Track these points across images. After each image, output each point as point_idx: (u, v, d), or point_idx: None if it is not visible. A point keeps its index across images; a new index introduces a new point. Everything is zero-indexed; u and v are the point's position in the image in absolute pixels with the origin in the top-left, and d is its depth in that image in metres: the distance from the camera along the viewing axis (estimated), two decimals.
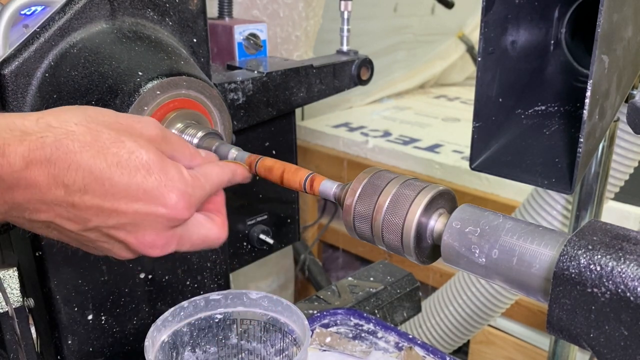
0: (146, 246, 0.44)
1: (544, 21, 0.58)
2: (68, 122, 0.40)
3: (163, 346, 0.58)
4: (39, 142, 0.38)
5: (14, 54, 0.56)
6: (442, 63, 2.58)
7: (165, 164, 0.42)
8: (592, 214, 0.83)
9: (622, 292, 0.31)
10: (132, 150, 0.41)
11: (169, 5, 0.64)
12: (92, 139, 0.40)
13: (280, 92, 0.84)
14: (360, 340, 0.74)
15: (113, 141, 0.41)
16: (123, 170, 0.40)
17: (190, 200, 0.43)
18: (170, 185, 0.42)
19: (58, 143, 0.39)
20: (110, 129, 0.41)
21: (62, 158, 0.39)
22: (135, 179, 0.41)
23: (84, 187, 0.40)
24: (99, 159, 0.40)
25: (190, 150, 0.48)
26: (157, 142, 0.44)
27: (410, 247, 0.43)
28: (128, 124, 0.43)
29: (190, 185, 0.44)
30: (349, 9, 0.95)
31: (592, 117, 0.46)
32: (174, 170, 0.43)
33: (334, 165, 1.94)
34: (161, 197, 0.42)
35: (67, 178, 0.39)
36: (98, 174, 0.40)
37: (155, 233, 0.43)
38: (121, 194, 0.41)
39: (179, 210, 0.43)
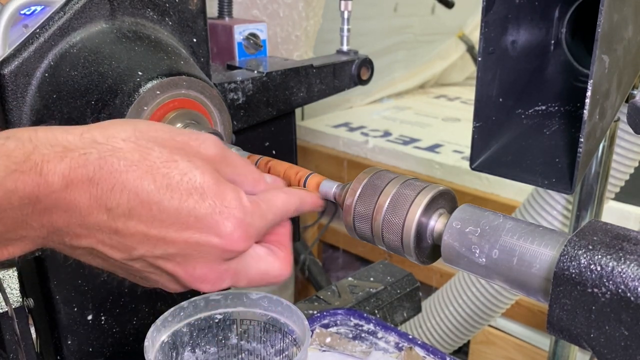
0: (196, 280, 0.40)
1: (544, 21, 0.58)
2: (115, 138, 0.36)
3: (163, 346, 0.58)
4: (81, 159, 0.35)
5: (14, 54, 0.56)
6: (442, 63, 2.58)
7: (222, 188, 0.38)
8: (592, 214, 0.83)
9: (623, 292, 0.31)
10: (186, 171, 0.37)
11: (169, 5, 0.64)
12: (140, 157, 0.36)
13: (280, 92, 0.84)
14: (360, 340, 0.74)
15: (164, 160, 0.37)
16: (173, 193, 0.36)
17: (249, 230, 0.39)
18: (226, 212, 0.37)
19: (102, 161, 0.35)
20: (163, 146, 0.37)
21: (106, 178, 0.35)
22: (186, 203, 0.36)
23: (129, 212, 0.36)
24: (147, 180, 0.36)
25: (254, 175, 0.43)
26: (216, 163, 0.39)
27: (410, 247, 0.43)
28: (184, 141, 0.39)
29: (249, 213, 0.39)
30: (349, 9, 0.95)
31: (593, 117, 0.46)
32: (231, 196, 0.38)
33: (334, 165, 1.94)
34: (215, 226, 0.37)
35: (110, 201, 0.35)
36: (145, 197, 0.36)
37: (207, 266, 0.39)
38: (170, 220, 0.36)
39: (235, 241, 0.38)
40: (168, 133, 0.39)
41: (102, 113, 0.55)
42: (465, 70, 2.73)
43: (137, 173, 0.36)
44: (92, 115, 0.55)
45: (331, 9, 1.66)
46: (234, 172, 0.41)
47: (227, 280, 0.41)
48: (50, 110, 0.57)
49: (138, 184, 0.35)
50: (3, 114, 0.57)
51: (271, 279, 0.43)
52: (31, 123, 0.58)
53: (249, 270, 0.42)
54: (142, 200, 0.36)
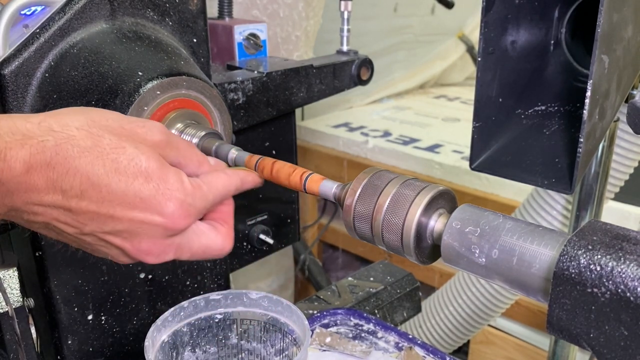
0: (142, 253, 0.44)
1: (544, 21, 0.58)
2: (69, 126, 0.40)
3: (163, 346, 0.58)
4: (39, 146, 0.38)
5: (14, 54, 0.56)
6: (442, 63, 2.58)
7: (165, 172, 0.42)
8: (592, 214, 0.83)
9: (622, 292, 0.31)
10: (132, 156, 0.40)
11: (169, 5, 0.64)
12: (92, 144, 0.40)
13: (280, 92, 0.84)
14: (360, 340, 0.74)
15: (113, 147, 0.40)
16: (121, 176, 0.40)
17: (189, 210, 0.43)
18: (168, 193, 0.41)
19: (58, 148, 0.38)
20: (112, 134, 0.41)
21: (61, 163, 0.39)
22: (132, 186, 0.40)
23: (81, 193, 0.39)
24: (97, 165, 0.39)
25: (198, 158, 0.47)
26: (161, 148, 0.43)
27: (410, 247, 0.43)
28: (131, 128, 0.42)
29: (190, 194, 0.43)
30: (349, 9, 0.95)
31: (592, 117, 0.46)
32: (174, 178, 0.42)
33: (334, 165, 1.94)
34: (158, 206, 0.41)
35: (65, 183, 0.39)
36: (95, 180, 0.39)
37: (151, 241, 0.43)
38: (117, 200, 0.40)
39: (176, 220, 0.42)
40: (118, 122, 0.42)
41: None
42: (465, 71, 2.73)
43: (88, 158, 0.39)
44: None
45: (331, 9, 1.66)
46: (179, 155, 0.45)
47: (170, 253, 0.45)
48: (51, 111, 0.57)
49: (89, 168, 0.39)
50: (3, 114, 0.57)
51: (213, 252, 0.47)
52: None
53: (192, 244, 0.46)
54: (92, 182, 0.39)
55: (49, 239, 0.62)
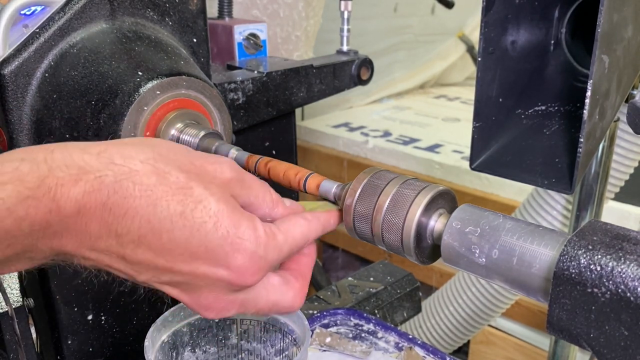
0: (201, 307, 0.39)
1: (544, 21, 0.58)
2: (133, 159, 0.35)
3: (163, 346, 0.58)
4: (96, 182, 0.34)
5: (14, 54, 0.56)
6: (442, 63, 2.58)
7: (236, 217, 0.37)
8: (592, 214, 0.83)
9: (622, 292, 0.31)
10: (201, 198, 0.36)
11: (169, 5, 0.64)
12: (157, 181, 0.35)
13: (280, 92, 0.84)
14: (360, 340, 0.74)
15: (180, 186, 0.36)
16: (186, 221, 0.35)
17: (260, 263, 0.38)
18: (237, 243, 0.36)
19: (117, 185, 0.34)
20: (180, 171, 0.36)
21: (120, 203, 0.34)
22: (198, 232, 0.35)
23: (138, 239, 0.35)
24: (160, 206, 0.35)
25: (272, 197, 0.42)
26: (232, 187, 0.39)
27: (410, 247, 0.43)
28: (201, 165, 0.38)
29: (262, 244, 0.38)
30: (349, 9, 0.95)
31: (592, 117, 0.46)
32: (246, 225, 0.37)
33: (334, 165, 1.94)
34: (225, 257, 0.36)
35: (121, 227, 0.35)
36: (156, 224, 0.35)
37: (213, 296, 0.38)
38: (179, 250, 0.36)
39: (244, 274, 0.37)
40: (186, 156, 0.38)
41: (102, 113, 0.55)
42: (465, 71, 2.73)
43: (151, 199, 0.35)
44: (92, 115, 0.55)
45: (331, 9, 1.66)
46: (251, 195, 0.40)
47: (233, 310, 0.40)
48: (51, 110, 0.57)
49: (151, 210, 0.35)
50: (3, 114, 0.57)
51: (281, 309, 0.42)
52: (31, 123, 0.58)
53: (259, 300, 0.41)
54: (153, 227, 0.35)
55: None
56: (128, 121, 0.54)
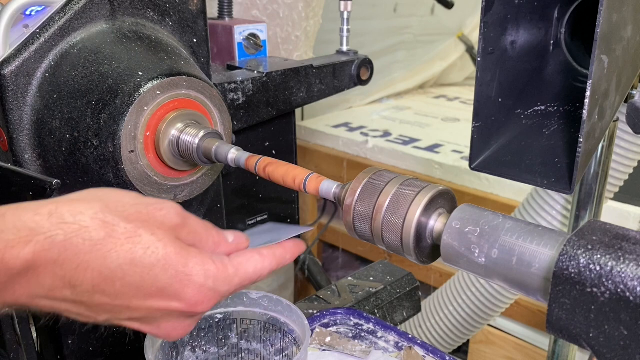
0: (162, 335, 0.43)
1: (543, 21, 0.58)
2: (83, 216, 0.37)
3: (163, 346, 0.58)
4: (47, 242, 0.35)
5: (14, 54, 0.56)
6: (442, 63, 2.58)
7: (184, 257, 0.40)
8: (591, 214, 0.83)
9: (622, 291, 0.31)
10: (148, 245, 0.38)
11: (169, 5, 0.64)
12: (105, 234, 0.37)
13: (280, 92, 0.84)
14: (360, 340, 0.74)
15: (129, 236, 0.38)
16: (136, 268, 0.38)
17: (209, 295, 0.41)
18: (186, 280, 0.39)
19: (68, 243, 0.36)
20: (128, 221, 0.39)
21: (71, 259, 0.36)
22: (148, 276, 0.38)
23: (92, 288, 0.37)
24: (111, 258, 0.37)
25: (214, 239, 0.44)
26: (177, 231, 0.41)
27: (410, 247, 0.43)
28: (149, 212, 0.40)
29: (211, 277, 0.41)
30: (349, 9, 0.95)
31: (592, 117, 0.46)
32: (193, 262, 0.40)
33: (334, 165, 1.94)
34: (175, 294, 0.39)
35: (74, 279, 0.37)
36: (108, 275, 0.37)
37: (170, 325, 0.42)
38: (133, 292, 0.38)
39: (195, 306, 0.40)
40: (134, 206, 0.40)
41: (103, 113, 0.55)
42: (465, 71, 2.73)
43: (101, 252, 0.37)
44: (93, 116, 0.55)
45: (331, 9, 1.66)
46: (195, 239, 0.43)
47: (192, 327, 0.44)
48: (51, 111, 0.57)
49: (101, 262, 0.37)
50: (3, 114, 0.57)
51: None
52: (32, 123, 0.58)
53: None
54: (105, 277, 0.37)
55: None
56: (128, 121, 0.54)
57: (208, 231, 0.44)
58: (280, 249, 0.46)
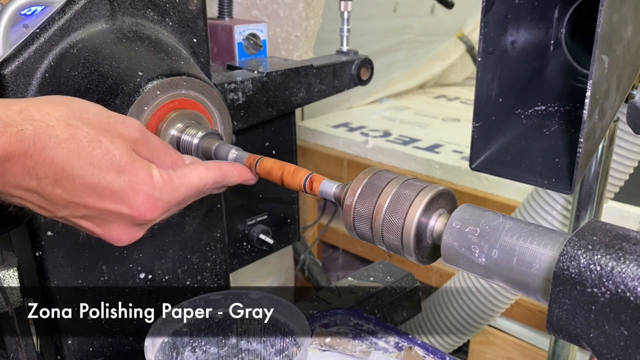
0: (112, 239, 0.46)
1: (544, 21, 0.58)
2: (50, 116, 0.41)
3: (163, 346, 0.58)
4: (19, 134, 0.39)
5: (14, 54, 0.56)
6: (442, 63, 2.58)
7: (136, 166, 0.43)
8: (592, 214, 0.83)
9: (622, 292, 0.31)
10: (107, 150, 0.42)
11: (169, 5, 0.64)
12: (69, 135, 0.41)
13: (280, 92, 0.84)
14: (360, 340, 0.74)
15: (90, 140, 0.42)
16: (94, 170, 0.42)
17: (156, 203, 0.45)
18: (137, 187, 0.43)
19: (36, 137, 0.40)
20: (90, 127, 0.42)
21: (38, 152, 0.40)
22: (104, 179, 0.42)
23: (55, 182, 0.41)
24: (73, 157, 0.41)
25: (172, 157, 0.48)
26: (136, 145, 0.45)
27: (410, 247, 0.43)
28: (110, 123, 0.44)
29: (158, 187, 0.45)
30: (349, 9, 0.95)
31: (592, 117, 0.46)
32: (144, 173, 0.44)
33: (334, 165, 1.94)
34: (126, 199, 0.43)
35: (40, 171, 0.40)
36: (69, 171, 0.41)
37: (120, 229, 0.46)
38: (89, 191, 0.42)
39: (143, 212, 0.44)
40: (97, 115, 0.43)
41: None
42: (465, 71, 2.72)
43: (64, 150, 0.41)
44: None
45: (331, 9, 1.66)
46: (153, 154, 0.46)
47: (138, 236, 0.47)
48: None
49: (64, 160, 0.41)
50: None
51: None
52: None
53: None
54: (67, 173, 0.41)
55: (49, 240, 0.62)
56: None
57: (167, 150, 0.48)
58: (228, 165, 0.51)
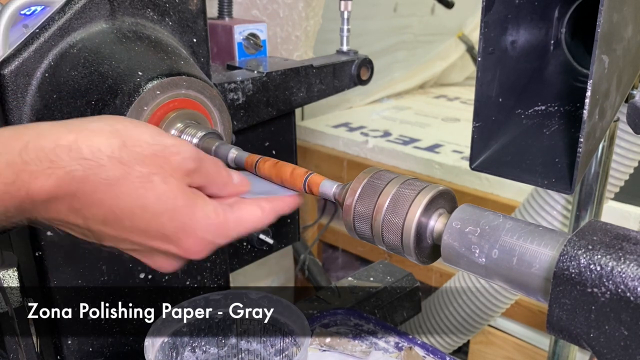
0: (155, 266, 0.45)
1: (544, 21, 0.58)
2: (101, 153, 0.39)
3: (163, 346, 0.58)
4: (67, 177, 0.38)
5: (14, 54, 0.56)
6: (442, 63, 2.58)
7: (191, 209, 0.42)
8: (592, 214, 0.83)
9: (622, 292, 0.31)
10: (160, 193, 0.40)
11: (169, 5, 0.64)
12: (121, 175, 0.39)
13: (280, 92, 0.84)
14: (360, 340, 0.74)
15: (143, 181, 0.40)
16: (145, 214, 0.40)
17: (207, 246, 0.44)
18: (189, 231, 0.42)
19: (86, 179, 0.38)
20: (144, 165, 0.40)
21: (87, 195, 0.39)
22: (156, 222, 0.41)
23: (103, 222, 0.40)
24: (123, 200, 0.39)
25: (224, 179, 0.46)
26: (191, 177, 0.43)
27: (410, 247, 0.43)
28: (165, 156, 0.41)
29: (212, 231, 0.43)
30: (349, 9, 0.95)
31: (592, 117, 0.46)
32: (199, 215, 0.42)
33: (334, 165, 1.94)
34: (177, 241, 0.42)
35: (88, 212, 0.40)
36: (119, 214, 0.40)
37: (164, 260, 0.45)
38: (138, 233, 0.41)
39: (192, 253, 0.43)
40: (152, 146, 0.41)
41: (103, 113, 0.55)
42: (465, 71, 2.72)
43: (115, 192, 0.39)
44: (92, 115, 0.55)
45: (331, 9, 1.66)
46: (207, 181, 0.44)
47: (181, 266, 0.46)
48: (51, 110, 0.57)
49: (114, 202, 0.39)
50: (3, 114, 0.57)
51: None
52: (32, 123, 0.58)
53: None
54: (116, 216, 0.40)
55: (49, 240, 0.62)
56: None
57: (219, 172, 0.46)
58: (281, 203, 0.48)
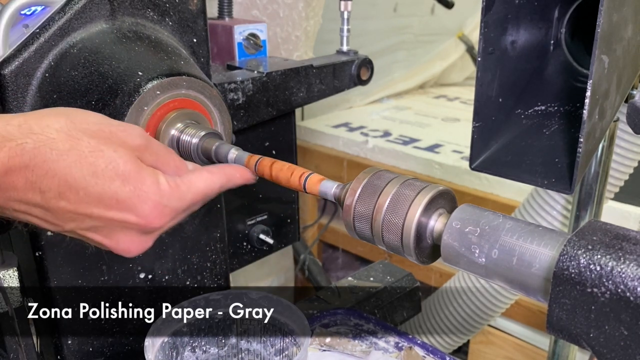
0: (121, 250, 0.45)
1: (544, 21, 0.58)
2: (49, 128, 0.40)
3: (163, 346, 0.58)
4: (18, 148, 0.39)
5: (14, 54, 0.56)
6: (442, 63, 2.58)
7: (142, 174, 0.43)
8: (592, 214, 0.83)
9: (622, 292, 0.31)
10: (110, 160, 0.42)
11: (169, 5, 0.64)
12: (70, 146, 0.40)
13: (280, 92, 0.84)
14: (360, 340, 0.74)
15: (92, 150, 0.41)
16: (98, 180, 0.41)
17: (164, 211, 0.44)
18: (143, 195, 0.43)
19: (37, 150, 0.39)
20: (92, 137, 0.42)
21: (40, 165, 0.40)
22: (109, 188, 0.42)
23: (59, 195, 0.41)
24: (75, 168, 0.40)
25: (176, 163, 0.47)
26: (140, 152, 0.44)
27: (410, 247, 0.43)
28: (111, 131, 0.43)
29: (166, 195, 0.44)
30: (348, 9, 0.95)
31: (592, 117, 0.46)
32: (150, 180, 0.43)
33: (334, 165, 1.94)
34: (133, 207, 0.43)
35: (43, 184, 0.40)
36: (73, 183, 0.41)
37: (128, 238, 0.45)
38: (94, 202, 0.42)
39: (151, 220, 0.44)
40: (98, 125, 0.43)
41: (103, 113, 0.55)
42: (465, 71, 2.72)
43: (66, 162, 0.40)
44: None
45: (331, 9, 1.66)
46: (157, 161, 0.46)
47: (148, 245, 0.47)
48: None
49: (67, 171, 0.40)
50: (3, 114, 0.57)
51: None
52: None
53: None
54: (70, 185, 0.41)
55: (49, 240, 0.62)
56: (128, 121, 0.54)
57: (170, 155, 0.47)
58: (231, 168, 0.50)
